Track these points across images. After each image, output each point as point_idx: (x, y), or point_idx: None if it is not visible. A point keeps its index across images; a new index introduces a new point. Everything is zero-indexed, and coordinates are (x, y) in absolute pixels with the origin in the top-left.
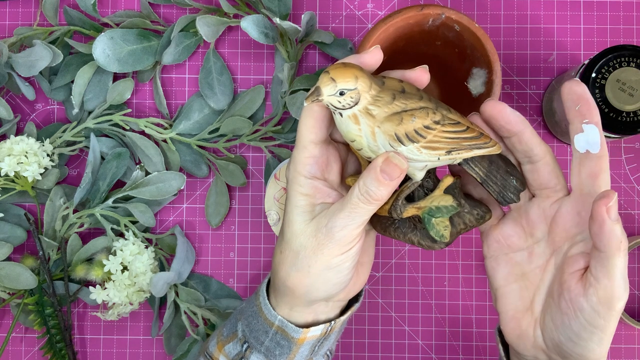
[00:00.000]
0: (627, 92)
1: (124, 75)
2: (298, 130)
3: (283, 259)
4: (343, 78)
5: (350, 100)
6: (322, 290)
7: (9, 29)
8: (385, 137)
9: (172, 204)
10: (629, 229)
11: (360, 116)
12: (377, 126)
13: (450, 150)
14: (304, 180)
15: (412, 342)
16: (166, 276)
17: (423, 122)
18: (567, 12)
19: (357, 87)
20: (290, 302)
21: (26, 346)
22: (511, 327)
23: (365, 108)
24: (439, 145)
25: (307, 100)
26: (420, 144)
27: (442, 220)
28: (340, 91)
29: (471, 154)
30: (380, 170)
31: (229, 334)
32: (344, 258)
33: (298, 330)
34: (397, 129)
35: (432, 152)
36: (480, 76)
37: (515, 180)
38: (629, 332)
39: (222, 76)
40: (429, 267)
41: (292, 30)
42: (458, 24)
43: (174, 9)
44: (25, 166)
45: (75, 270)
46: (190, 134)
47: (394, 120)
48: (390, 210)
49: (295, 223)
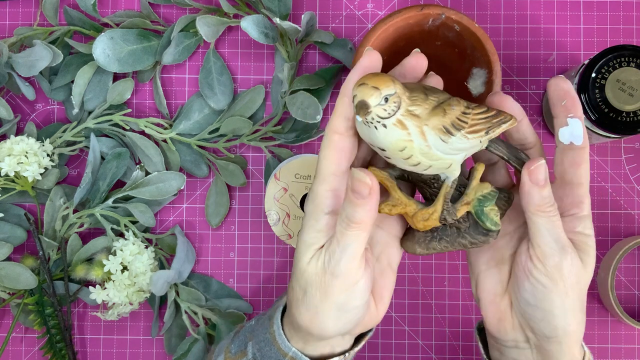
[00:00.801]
0: (627, 92)
1: (124, 75)
2: (319, 162)
3: (294, 295)
4: (383, 83)
5: (394, 105)
6: (334, 330)
7: (9, 29)
8: (435, 132)
9: (172, 204)
10: (629, 229)
11: (405, 120)
12: (425, 124)
13: (487, 130)
14: (322, 215)
15: (412, 342)
16: (166, 274)
17: (461, 110)
18: (567, 12)
19: (397, 91)
20: (305, 337)
21: (26, 346)
22: (492, 312)
23: (407, 110)
24: (478, 128)
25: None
26: (465, 130)
27: (492, 208)
28: (385, 97)
29: (500, 129)
30: (351, 191)
31: (237, 351)
32: (351, 296)
33: None
34: (444, 121)
35: (476, 135)
36: (480, 76)
37: (524, 154)
38: (629, 332)
39: (222, 76)
40: (429, 267)
41: (292, 30)
42: (458, 24)
43: (174, 9)
44: (25, 166)
45: (75, 270)
46: (190, 134)
47: (438, 113)
48: (444, 217)
49: (302, 260)
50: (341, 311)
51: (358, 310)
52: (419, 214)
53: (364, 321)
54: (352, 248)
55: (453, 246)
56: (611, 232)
